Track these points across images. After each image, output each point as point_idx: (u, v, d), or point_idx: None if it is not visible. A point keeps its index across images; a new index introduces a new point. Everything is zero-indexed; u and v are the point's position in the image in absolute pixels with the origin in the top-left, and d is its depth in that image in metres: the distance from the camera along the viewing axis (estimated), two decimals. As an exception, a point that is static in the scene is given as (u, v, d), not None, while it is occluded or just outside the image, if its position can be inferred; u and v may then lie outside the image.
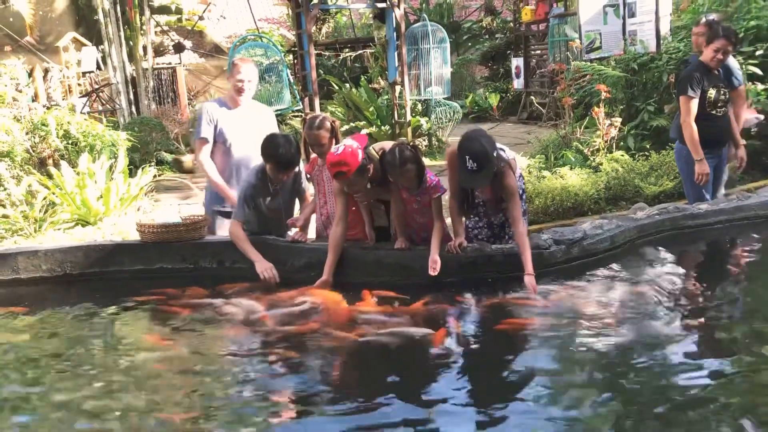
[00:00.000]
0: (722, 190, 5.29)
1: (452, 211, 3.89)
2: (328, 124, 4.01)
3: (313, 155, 4.17)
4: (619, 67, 7.87)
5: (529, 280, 3.50)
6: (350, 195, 3.95)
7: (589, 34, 9.37)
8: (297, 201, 4.45)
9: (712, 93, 4.90)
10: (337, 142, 4.00)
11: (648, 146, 7.15)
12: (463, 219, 4.01)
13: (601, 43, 8.98)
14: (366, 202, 4.11)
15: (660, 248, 4.14)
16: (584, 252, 3.88)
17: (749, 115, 5.63)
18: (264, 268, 3.94)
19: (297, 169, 4.20)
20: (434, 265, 3.62)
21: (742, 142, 5.15)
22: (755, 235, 4.39)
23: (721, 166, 5.21)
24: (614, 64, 8.03)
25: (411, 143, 3.79)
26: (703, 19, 5.45)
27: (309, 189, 4.39)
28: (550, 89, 13.15)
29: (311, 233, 4.42)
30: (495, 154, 3.54)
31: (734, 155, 5.23)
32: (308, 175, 4.30)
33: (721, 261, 4.25)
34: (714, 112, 4.97)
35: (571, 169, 6.91)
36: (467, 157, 3.47)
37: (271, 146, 3.99)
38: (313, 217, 4.37)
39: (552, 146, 8.27)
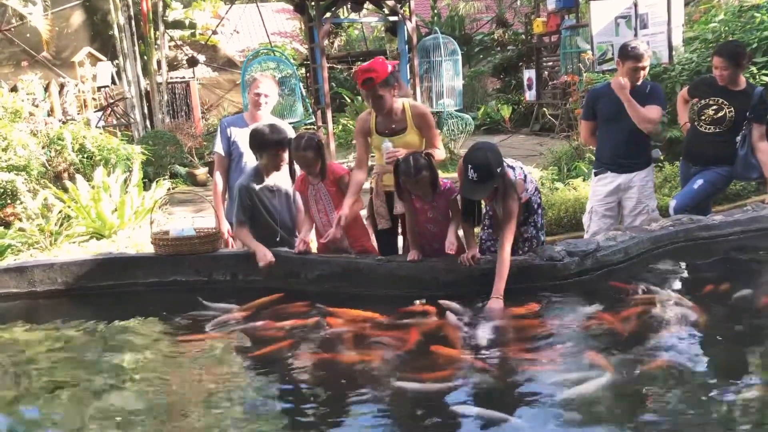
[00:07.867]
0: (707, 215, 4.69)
1: (463, 224, 3.89)
2: (314, 143, 4.00)
3: (301, 173, 4.15)
4: (632, 79, 7.83)
5: (494, 303, 3.44)
6: (355, 220, 4.02)
7: (601, 45, 9.38)
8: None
9: (709, 110, 4.75)
10: (323, 159, 4.04)
11: (662, 157, 7.11)
12: (475, 230, 4.01)
13: (613, 54, 8.96)
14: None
15: (674, 260, 4.10)
16: (598, 263, 3.86)
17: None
18: (261, 254, 3.95)
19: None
20: (451, 246, 3.70)
21: None
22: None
23: (706, 185, 4.82)
24: (626, 76, 8.00)
25: (424, 152, 3.81)
26: None
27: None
28: (562, 101, 13.13)
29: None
30: (500, 171, 3.52)
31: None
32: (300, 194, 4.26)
33: (735, 273, 4.20)
34: (700, 126, 4.82)
35: (584, 180, 6.89)
36: (469, 166, 3.46)
37: (257, 136, 4.06)
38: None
39: (565, 158, 8.26)
